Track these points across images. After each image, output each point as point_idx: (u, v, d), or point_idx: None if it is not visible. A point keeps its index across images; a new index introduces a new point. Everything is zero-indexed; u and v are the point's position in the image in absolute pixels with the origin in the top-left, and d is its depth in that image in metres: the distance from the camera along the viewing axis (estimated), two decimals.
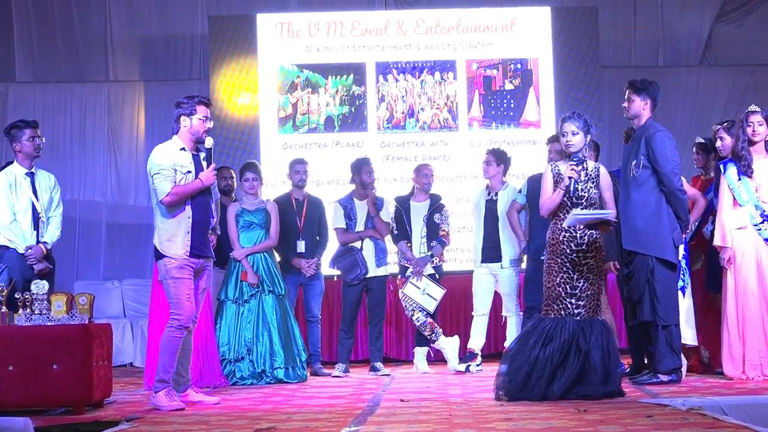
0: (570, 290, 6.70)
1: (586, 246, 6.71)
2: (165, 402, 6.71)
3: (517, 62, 12.10)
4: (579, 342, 6.61)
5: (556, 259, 6.76)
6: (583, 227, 6.73)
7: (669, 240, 7.57)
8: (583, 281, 6.70)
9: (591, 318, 6.70)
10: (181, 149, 6.92)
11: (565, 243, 6.73)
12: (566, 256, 6.72)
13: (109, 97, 12.96)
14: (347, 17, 12.20)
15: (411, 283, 9.56)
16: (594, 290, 6.74)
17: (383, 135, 12.01)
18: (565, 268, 6.72)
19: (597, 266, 6.76)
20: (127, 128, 12.95)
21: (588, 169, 6.87)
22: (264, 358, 8.79)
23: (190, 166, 6.91)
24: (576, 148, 6.84)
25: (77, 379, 6.60)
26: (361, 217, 9.59)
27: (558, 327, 6.65)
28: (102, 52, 13.05)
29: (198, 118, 6.93)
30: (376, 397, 7.20)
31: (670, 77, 12.95)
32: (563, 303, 6.70)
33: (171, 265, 6.80)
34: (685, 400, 6.01)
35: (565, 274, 6.71)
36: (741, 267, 7.72)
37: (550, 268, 6.80)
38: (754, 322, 7.64)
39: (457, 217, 11.29)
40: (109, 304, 12.06)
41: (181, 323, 6.82)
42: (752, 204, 7.73)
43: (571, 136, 6.84)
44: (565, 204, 6.79)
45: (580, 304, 6.69)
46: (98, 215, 12.84)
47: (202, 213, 6.94)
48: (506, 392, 6.57)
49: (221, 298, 8.97)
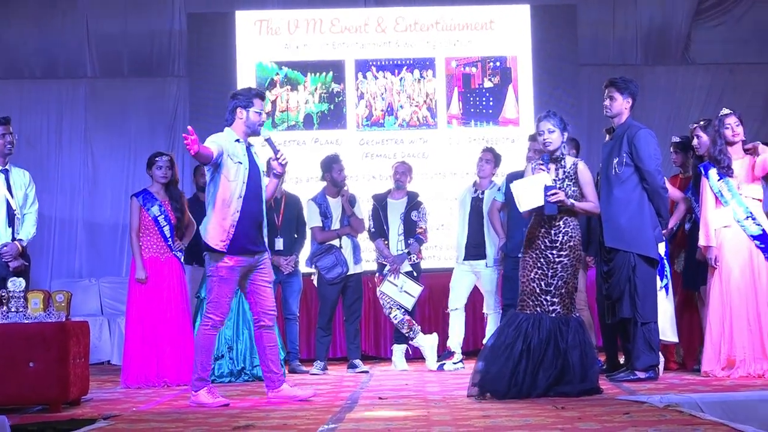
0: (545, 287, 6.72)
1: (560, 244, 6.74)
2: (208, 399, 6.68)
3: (496, 60, 12.13)
4: (557, 341, 6.63)
5: (531, 254, 6.80)
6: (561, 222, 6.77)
7: (651, 237, 7.61)
8: (557, 279, 6.73)
9: (566, 315, 6.74)
10: (236, 140, 6.83)
11: (540, 238, 6.77)
12: (540, 251, 6.76)
13: (86, 94, 12.89)
14: (326, 14, 12.19)
15: (388, 280, 9.57)
16: (568, 289, 6.76)
17: (362, 132, 12.02)
18: (539, 264, 6.75)
19: (571, 265, 6.78)
20: (104, 125, 12.87)
21: (566, 166, 6.90)
22: (244, 356, 8.78)
23: (243, 157, 6.79)
24: (554, 146, 6.88)
25: (54, 377, 6.57)
26: (336, 215, 9.60)
27: (534, 324, 6.67)
28: (79, 49, 12.98)
29: (255, 111, 6.83)
30: (354, 394, 7.20)
31: (649, 75, 13.01)
32: (538, 299, 6.73)
33: (222, 263, 6.73)
34: (662, 397, 6.04)
35: (539, 270, 6.74)
36: (726, 265, 7.76)
37: (525, 263, 6.84)
38: (739, 319, 7.67)
39: (435, 214, 11.30)
40: (86, 301, 12.02)
41: (215, 323, 6.77)
42: (736, 202, 7.77)
43: (548, 134, 6.88)
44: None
45: (555, 301, 6.71)
46: (74, 212, 12.77)
47: (254, 206, 6.82)
48: (481, 388, 6.58)
49: (201, 295, 8.94)
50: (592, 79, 12.26)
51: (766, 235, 7.74)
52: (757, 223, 7.74)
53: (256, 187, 6.85)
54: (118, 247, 12.63)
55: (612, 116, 7.81)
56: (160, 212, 8.61)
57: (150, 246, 8.63)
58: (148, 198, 8.65)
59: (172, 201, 8.68)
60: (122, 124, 12.87)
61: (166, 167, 8.67)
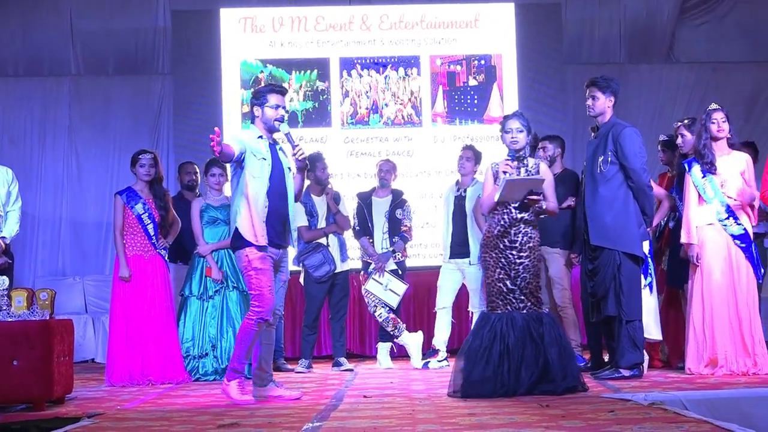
0: (510, 285, 6.77)
1: (519, 245, 6.79)
2: (236, 394, 6.68)
3: (481, 58, 12.14)
4: (533, 337, 6.66)
5: (490, 253, 6.86)
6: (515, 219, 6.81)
7: (636, 235, 7.63)
8: (521, 280, 6.78)
9: (538, 311, 6.78)
10: (259, 137, 6.86)
11: (498, 238, 6.82)
12: (500, 251, 6.81)
13: (69, 91, 12.85)
14: (311, 12, 12.19)
15: (373, 279, 9.57)
16: (533, 287, 6.82)
17: (347, 130, 12.02)
18: (501, 263, 6.80)
19: (533, 266, 6.83)
20: (88, 123, 12.83)
21: (528, 165, 6.95)
22: (228, 354, 8.76)
23: (267, 153, 6.80)
24: (520, 146, 6.95)
25: (38, 376, 6.55)
26: (322, 213, 9.59)
27: (507, 322, 6.70)
28: (63, 46, 12.93)
29: (269, 107, 6.85)
30: (339, 392, 7.20)
31: (633, 74, 13.04)
32: (506, 298, 6.78)
33: (253, 255, 6.70)
34: (646, 395, 6.06)
35: (502, 270, 6.79)
36: (707, 263, 7.78)
37: (487, 263, 6.90)
38: (720, 317, 7.69)
39: (420, 212, 11.32)
40: (70, 299, 11.99)
41: (261, 315, 6.69)
42: (718, 200, 7.79)
43: (516, 133, 6.94)
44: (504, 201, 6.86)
45: (522, 299, 6.77)
46: (58, 210, 12.72)
47: (279, 201, 6.82)
48: (462, 389, 6.59)
49: (185, 293, 8.95)
50: (577, 77, 12.28)
51: (747, 234, 7.78)
52: (738, 222, 7.77)
53: (280, 184, 6.84)
54: (102, 245, 12.59)
55: (595, 115, 7.84)
56: (144, 210, 8.59)
57: (134, 244, 8.61)
58: (132, 196, 8.63)
59: (156, 199, 8.66)
60: (106, 121, 12.83)
61: (149, 165, 8.64)
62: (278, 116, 6.87)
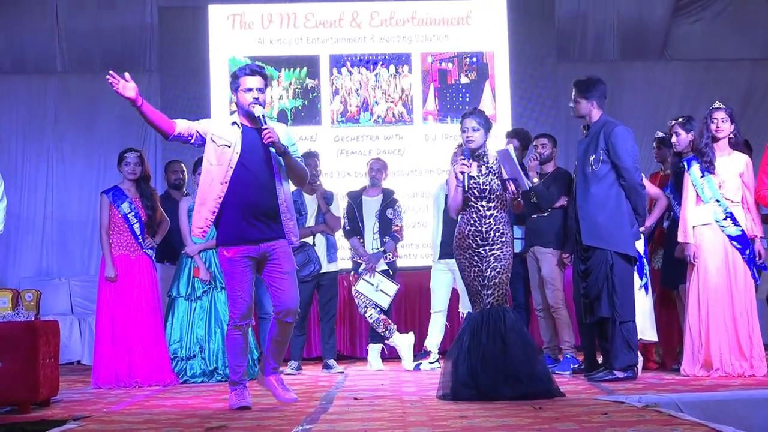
0: (483, 282, 6.79)
1: (491, 241, 6.80)
2: (233, 402, 6.49)
3: (472, 55, 12.14)
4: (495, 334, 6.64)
5: (464, 254, 6.87)
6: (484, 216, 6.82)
7: (629, 235, 7.64)
8: (491, 270, 6.78)
9: (501, 306, 6.77)
10: (233, 123, 6.49)
11: (470, 237, 6.82)
12: (473, 250, 6.81)
13: (55, 89, 12.81)
14: (300, 9, 12.17)
15: (364, 279, 9.56)
16: (501, 279, 6.80)
17: (337, 129, 12.00)
18: (474, 261, 6.82)
19: (504, 258, 6.82)
20: (74, 120, 12.79)
21: (489, 162, 6.93)
22: (216, 356, 8.75)
23: (235, 139, 6.40)
24: (476, 144, 6.93)
25: (23, 378, 6.53)
26: (311, 212, 9.57)
27: (482, 320, 6.71)
28: (49, 43, 12.89)
29: (242, 91, 6.42)
30: (329, 395, 7.19)
31: (627, 72, 13.06)
32: (480, 296, 6.81)
33: (222, 255, 6.47)
34: (641, 397, 6.06)
35: (475, 268, 6.81)
36: (704, 264, 7.79)
37: (462, 265, 6.91)
38: (716, 319, 7.70)
39: (411, 212, 11.32)
40: (56, 300, 11.95)
41: (234, 321, 6.46)
42: (715, 201, 7.79)
43: (471, 131, 6.94)
44: (469, 199, 6.87)
45: (488, 293, 6.77)
46: (44, 210, 12.67)
47: (252, 191, 6.37)
48: (452, 391, 6.59)
49: (173, 294, 8.92)
50: (570, 75, 12.19)
51: (744, 236, 7.78)
52: (736, 224, 7.77)
53: (252, 174, 6.38)
54: (87, 245, 12.56)
55: (581, 117, 7.86)
56: (130, 209, 8.56)
57: (120, 244, 8.58)
58: (118, 195, 8.60)
59: (143, 198, 8.63)
60: (93, 120, 12.79)
61: (134, 163, 8.61)
62: (254, 99, 6.45)
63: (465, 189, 6.83)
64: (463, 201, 6.89)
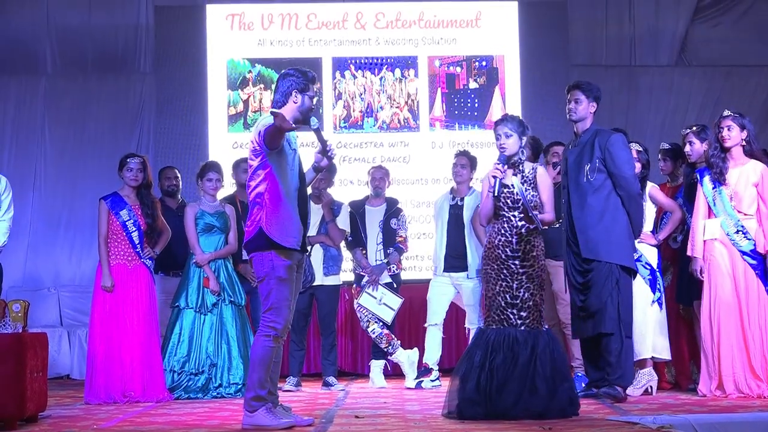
0: (510, 300, 6.75)
1: (522, 254, 6.78)
2: (270, 421, 6.21)
3: (482, 59, 12.16)
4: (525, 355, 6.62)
5: (492, 265, 6.85)
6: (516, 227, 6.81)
7: (630, 247, 7.65)
8: (524, 291, 6.76)
9: (536, 329, 6.74)
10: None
11: (500, 248, 6.81)
12: (502, 262, 6.80)
13: (45, 90, 12.81)
14: (302, 9, 12.19)
15: (366, 292, 9.55)
16: (536, 300, 6.79)
17: (340, 135, 12.02)
18: (502, 275, 6.79)
19: (536, 275, 6.82)
20: (64, 123, 12.78)
21: (525, 171, 6.94)
22: (222, 372, 8.73)
23: (295, 144, 6.49)
24: (510, 151, 6.93)
25: (9, 392, 6.53)
26: (314, 221, 9.53)
27: (501, 338, 6.68)
28: (39, 42, 12.90)
29: (309, 96, 6.41)
30: (329, 413, 7.20)
31: (644, 77, 13.06)
32: (504, 314, 6.75)
33: (278, 261, 6.29)
34: (655, 418, 6.06)
35: (503, 282, 6.78)
36: (715, 280, 7.79)
37: (488, 276, 6.88)
38: (727, 337, 7.70)
39: (416, 222, 11.33)
40: (44, 311, 11.94)
41: (278, 332, 6.31)
42: (727, 213, 7.79)
43: (504, 138, 6.93)
44: (502, 208, 6.87)
45: (522, 315, 6.74)
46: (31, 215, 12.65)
47: (302, 199, 6.48)
48: (458, 410, 6.57)
49: (181, 305, 8.84)
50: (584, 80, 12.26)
51: (756, 250, 7.76)
52: (748, 237, 7.76)
53: (301, 180, 6.51)
54: (77, 253, 12.52)
55: (576, 120, 7.83)
56: (129, 217, 8.55)
57: (117, 253, 8.56)
58: (117, 201, 8.58)
59: (143, 206, 8.62)
60: (83, 123, 12.76)
61: (137, 170, 8.61)
62: (314, 107, 6.52)
63: (495, 195, 6.83)
64: (494, 209, 6.89)
